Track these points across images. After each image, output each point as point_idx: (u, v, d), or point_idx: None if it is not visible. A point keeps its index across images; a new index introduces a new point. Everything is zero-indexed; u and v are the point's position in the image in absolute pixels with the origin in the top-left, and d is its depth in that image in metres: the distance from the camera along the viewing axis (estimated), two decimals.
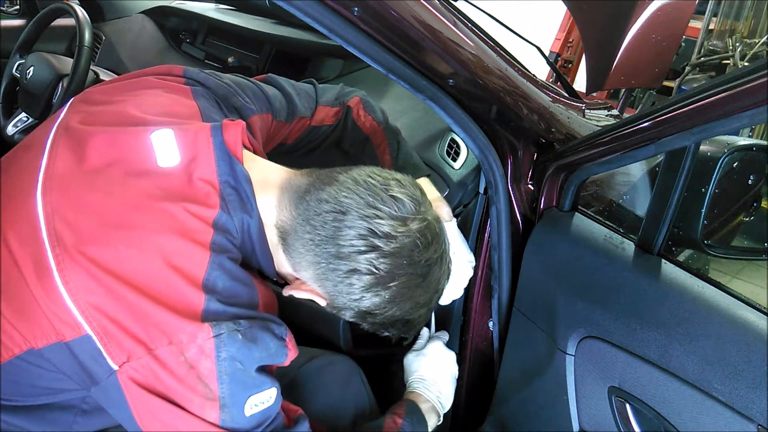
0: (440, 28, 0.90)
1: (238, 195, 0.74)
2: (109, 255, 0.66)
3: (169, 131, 0.75)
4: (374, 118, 1.11)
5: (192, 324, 0.66)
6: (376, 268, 0.73)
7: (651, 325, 0.83)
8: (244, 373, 0.69)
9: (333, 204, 0.73)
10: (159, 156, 0.73)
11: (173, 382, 0.66)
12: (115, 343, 0.65)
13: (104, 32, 1.96)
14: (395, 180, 0.76)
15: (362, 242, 0.72)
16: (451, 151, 1.29)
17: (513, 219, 1.08)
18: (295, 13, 0.80)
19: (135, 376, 0.66)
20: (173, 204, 0.70)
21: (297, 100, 1.04)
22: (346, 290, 0.74)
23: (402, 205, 0.74)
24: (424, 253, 0.75)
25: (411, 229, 0.74)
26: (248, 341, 0.69)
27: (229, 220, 0.73)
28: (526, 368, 1.09)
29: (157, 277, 0.67)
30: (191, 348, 0.66)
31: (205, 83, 0.90)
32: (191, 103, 0.84)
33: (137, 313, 0.65)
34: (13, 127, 1.73)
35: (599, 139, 0.93)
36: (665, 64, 1.48)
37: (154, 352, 0.65)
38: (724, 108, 0.69)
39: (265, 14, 1.84)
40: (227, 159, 0.74)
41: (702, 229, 0.92)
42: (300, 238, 0.75)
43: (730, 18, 3.38)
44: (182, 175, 0.73)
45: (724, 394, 0.74)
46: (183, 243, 0.69)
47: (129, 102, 0.82)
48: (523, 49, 1.26)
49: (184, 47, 1.90)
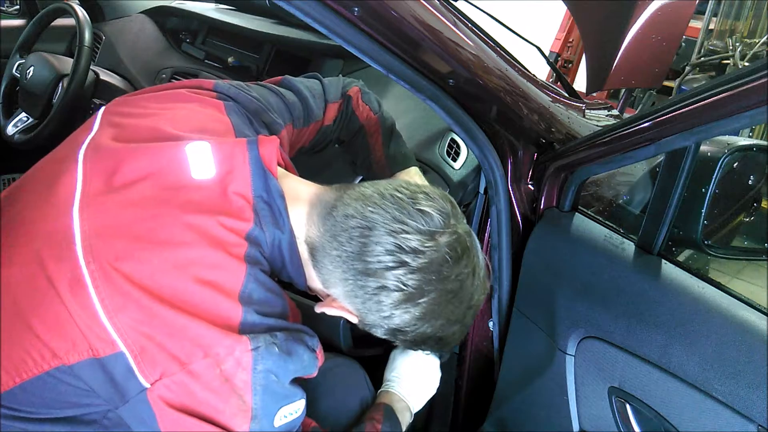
0: (440, 28, 0.90)
1: (270, 210, 0.74)
2: (144, 271, 0.66)
3: (206, 144, 0.75)
4: (371, 108, 1.12)
5: (230, 337, 0.66)
6: (404, 284, 0.71)
7: (651, 325, 0.83)
8: (278, 384, 0.70)
9: (359, 219, 0.72)
10: (193, 168, 0.73)
11: (206, 394, 0.66)
12: (148, 361, 0.65)
13: (104, 32, 1.96)
14: (423, 193, 0.75)
15: (390, 258, 0.71)
16: (451, 151, 1.29)
17: (513, 219, 1.08)
18: (295, 13, 0.80)
19: (165, 395, 0.66)
20: (207, 217, 0.70)
21: (312, 104, 1.05)
22: (375, 307, 0.74)
23: (430, 218, 0.72)
24: (455, 268, 0.73)
25: (439, 243, 0.72)
26: (284, 354, 0.69)
27: (261, 234, 0.73)
28: (526, 368, 1.09)
29: (193, 291, 0.66)
30: (228, 361, 0.66)
31: (237, 98, 0.90)
32: (225, 119, 0.85)
33: (172, 329, 0.65)
34: (13, 127, 1.73)
35: (599, 139, 0.93)
36: (665, 64, 1.48)
37: (188, 367, 0.65)
38: (725, 108, 0.69)
39: (265, 14, 1.84)
40: (262, 174, 0.75)
41: (702, 229, 0.92)
42: (328, 254, 0.74)
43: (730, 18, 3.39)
44: (217, 189, 0.73)
45: (724, 394, 0.74)
46: (218, 256, 0.69)
47: (162, 116, 0.81)
48: (523, 49, 1.27)
49: (184, 47, 1.90)
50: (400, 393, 1.01)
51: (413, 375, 1.03)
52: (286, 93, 1.02)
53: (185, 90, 0.89)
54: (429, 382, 1.05)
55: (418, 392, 1.03)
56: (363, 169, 1.17)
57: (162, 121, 0.80)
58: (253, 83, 1.01)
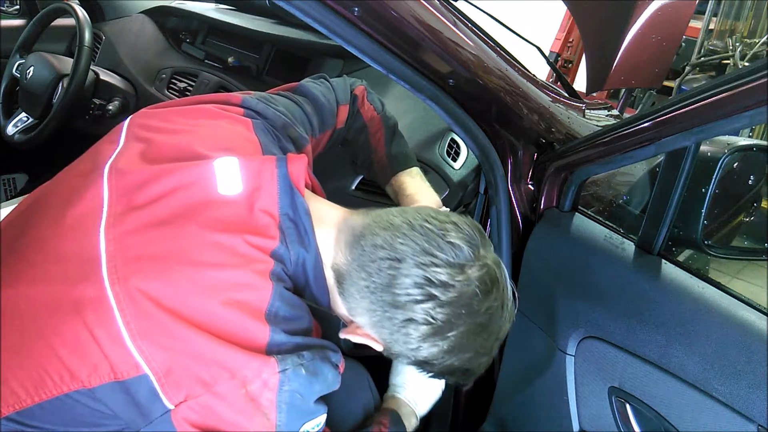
0: (440, 28, 0.90)
1: (296, 228, 0.74)
2: (170, 292, 0.66)
3: (234, 159, 0.75)
4: (375, 107, 1.13)
5: (257, 359, 0.66)
6: (433, 318, 0.70)
7: (651, 325, 0.83)
8: (303, 402, 0.69)
9: (388, 251, 0.72)
10: (220, 183, 0.73)
11: (231, 414, 0.66)
12: (173, 384, 0.64)
13: (104, 32, 1.96)
14: (452, 223, 0.74)
15: (418, 291, 0.70)
16: (451, 151, 1.29)
17: (513, 219, 1.08)
18: (295, 13, 0.80)
19: (190, 416, 0.65)
20: (233, 236, 0.70)
21: (328, 111, 1.05)
22: (402, 339, 0.73)
23: (460, 251, 0.71)
24: (485, 302, 0.72)
25: (469, 277, 0.71)
26: (310, 375, 0.69)
27: (286, 252, 0.73)
28: (527, 368, 1.09)
29: (219, 313, 0.66)
30: (255, 382, 0.65)
31: (265, 114, 0.90)
32: (253, 137, 0.84)
33: (199, 353, 0.65)
34: (13, 127, 1.73)
35: (599, 139, 0.93)
36: (665, 64, 1.48)
37: (213, 388, 0.65)
38: (724, 108, 0.69)
39: (265, 14, 1.84)
40: (289, 192, 0.75)
41: (702, 229, 0.92)
42: (355, 283, 0.74)
43: (730, 18, 3.39)
44: (244, 205, 0.72)
45: (724, 394, 0.74)
46: (246, 275, 0.69)
47: (190, 133, 0.81)
48: (523, 49, 1.27)
49: (184, 47, 1.90)
50: (406, 398, 1.01)
51: (418, 380, 1.03)
52: (304, 103, 1.02)
53: (213, 105, 0.88)
54: (434, 387, 1.05)
55: (423, 397, 1.03)
56: (363, 169, 1.17)
57: (190, 139, 0.79)
58: (274, 92, 1.00)
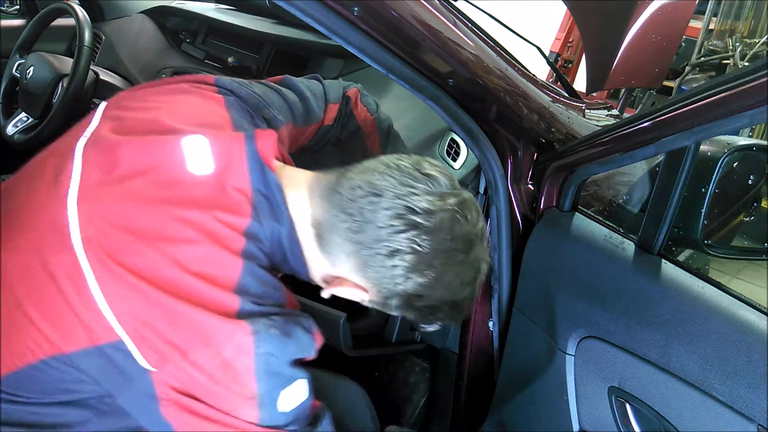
0: (440, 28, 0.90)
1: (269, 203, 0.75)
2: (140, 263, 0.67)
3: (203, 138, 0.75)
4: (369, 109, 1.14)
5: (229, 322, 0.66)
6: (418, 245, 0.71)
7: (651, 325, 0.83)
8: (279, 366, 0.70)
9: (367, 189, 0.73)
10: (189, 163, 0.73)
11: (210, 384, 0.67)
12: (147, 347, 0.65)
13: (104, 32, 1.96)
14: (426, 161, 0.76)
15: (401, 221, 0.71)
16: (451, 151, 1.29)
17: (513, 219, 1.08)
18: (295, 13, 0.80)
19: (171, 382, 0.66)
20: (203, 213, 0.70)
21: (313, 104, 1.05)
22: (389, 274, 0.73)
23: (436, 181, 0.74)
24: (465, 227, 0.74)
25: (448, 203, 0.73)
26: (284, 336, 0.69)
27: (260, 229, 0.74)
28: (526, 368, 1.09)
29: (189, 282, 0.67)
30: (228, 347, 0.66)
31: (238, 93, 0.91)
32: (223, 113, 0.85)
33: (172, 317, 0.66)
34: (13, 127, 1.73)
35: (599, 139, 0.93)
36: (665, 64, 1.48)
37: (189, 357, 0.65)
38: (724, 108, 0.69)
39: (265, 14, 1.84)
40: (260, 168, 0.75)
41: (702, 229, 0.92)
42: (337, 229, 0.74)
43: (730, 18, 3.39)
44: (215, 184, 0.73)
45: (724, 394, 0.74)
46: (215, 251, 0.69)
47: (162, 109, 0.82)
48: (523, 49, 1.27)
49: (184, 47, 1.90)
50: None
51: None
52: (287, 92, 1.02)
53: (186, 84, 0.90)
54: None
55: None
56: None
57: (161, 114, 0.80)
58: (254, 81, 1.01)
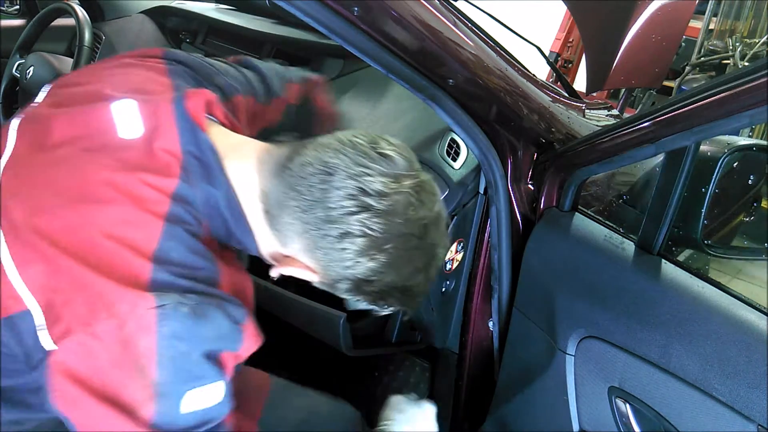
0: (440, 28, 0.90)
1: (201, 164, 0.71)
2: (56, 225, 0.65)
3: (132, 102, 0.73)
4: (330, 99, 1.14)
5: (134, 292, 0.62)
6: (369, 228, 0.67)
7: (651, 325, 0.83)
8: (188, 357, 0.64)
9: (318, 166, 0.68)
10: (119, 127, 0.71)
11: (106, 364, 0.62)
12: (54, 318, 0.62)
13: (104, 32, 1.96)
14: (384, 139, 0.72)
15: (352, 202, 0.67)
16: (451, 151, 1.29)
17: (513, 219, 1.08)
18: (295, 13, 0.80)
19: (66, 359, 0.62)
20: (128, 174, 0.68)
21: (272, 80, 1.03)
22: (338, 257, 0.69)
23: (392, 162, 0.69)
24: (420, 211, 0.70)
25: (404, 185, 0.69)
26: (195, 316, 0.63)
27: (190, 191, 0.70)
28: (527, 368, 1.09)
29: (102, 246, 0.64)
30: (131, 320, 0.61)
31: (186, 62, 0.87)
32: (164, 80, 0.81)
33: (78, 284, 0.62)
34: None
35: (599, 139, 0.93)
36: (665, 64, 1.49)
37: (91, 328, 0.61)
38: (724, 108, 0.69)
39: (265, 14, 1.84)
40: (190, 128, 0.72)
41: (702, 229, 0.92)
42: (286, 207, 0.70)
43: (730, 18, 3.39)
44: (143, 146, 0.70)
45: (724, 394, 0.74)
46: (134, 213, 0.66)
47: (102, 82, 0.80)
48: (523, 49, 1.27)
49: (184, 47, 1.90)
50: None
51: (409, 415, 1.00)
52: (245, 70, 1.00)
53: (132, 58, 0.87)
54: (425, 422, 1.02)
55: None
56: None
57: (99, 86, 0.78)
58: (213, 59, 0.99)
